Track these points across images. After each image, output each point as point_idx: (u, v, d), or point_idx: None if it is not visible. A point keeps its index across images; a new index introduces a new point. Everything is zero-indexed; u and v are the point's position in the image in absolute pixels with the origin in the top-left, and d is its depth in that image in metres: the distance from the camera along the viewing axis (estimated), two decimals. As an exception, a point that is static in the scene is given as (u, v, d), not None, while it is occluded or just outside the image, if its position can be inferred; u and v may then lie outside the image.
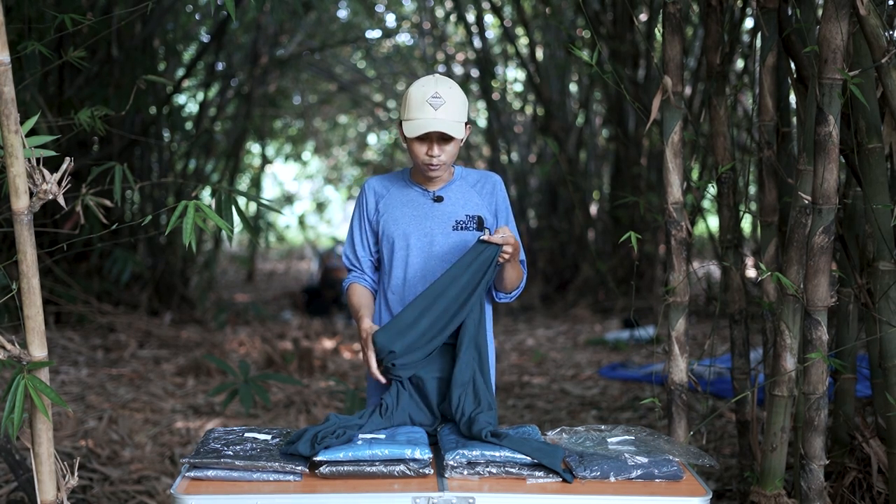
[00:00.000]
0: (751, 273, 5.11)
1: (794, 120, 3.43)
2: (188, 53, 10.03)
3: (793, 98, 3.32)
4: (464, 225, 2.75)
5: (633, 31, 8.60)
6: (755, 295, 3.84)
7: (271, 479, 2.27)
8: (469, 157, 12.12)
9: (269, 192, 16.81)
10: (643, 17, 8.26)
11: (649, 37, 8.05)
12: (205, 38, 9.73)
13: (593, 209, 10.56)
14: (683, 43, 3.13)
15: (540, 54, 10.26)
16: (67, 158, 2.26)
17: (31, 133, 2.30)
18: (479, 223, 2.75)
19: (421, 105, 2.65)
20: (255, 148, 13.69)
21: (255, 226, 11.66)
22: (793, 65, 3.21)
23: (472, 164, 12.09)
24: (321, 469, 2.28)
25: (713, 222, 6.55)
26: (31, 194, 2.21)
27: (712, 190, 3.58)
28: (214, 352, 7.22)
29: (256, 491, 2.23)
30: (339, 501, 2.22)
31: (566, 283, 10.47)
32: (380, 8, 12.71)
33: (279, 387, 6.00)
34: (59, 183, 2.23)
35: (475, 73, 11.23)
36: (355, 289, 2.84)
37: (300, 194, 18.11)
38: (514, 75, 12.38)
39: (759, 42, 3.38)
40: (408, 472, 2.29)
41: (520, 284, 2.80)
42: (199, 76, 10.03)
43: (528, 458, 2.31)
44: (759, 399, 3.66)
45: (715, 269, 8.09)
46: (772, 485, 2.96)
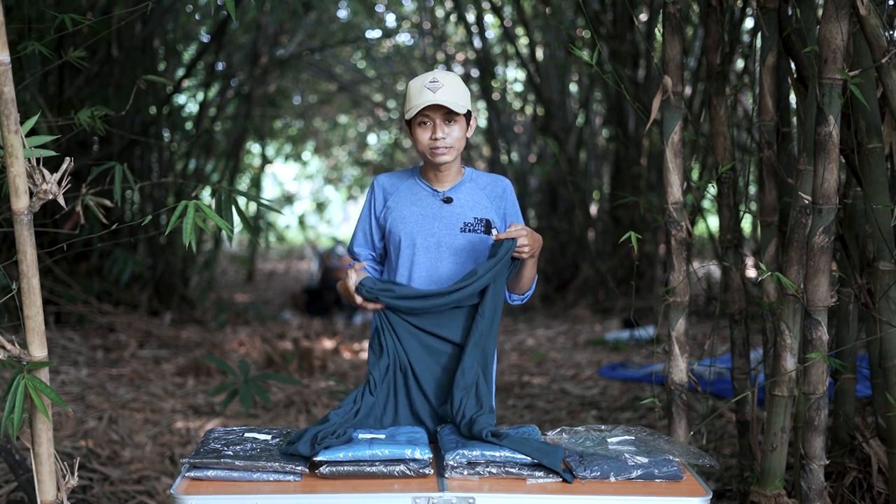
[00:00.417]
0: (751, 273, 5.11)
1: (794, 120, 3.43)
2: (188, 53, 10.02)
3: (793, 98, 3.32)
4: (471, 227, 2.75)
5: (633, 31, 8.60)
6: (755, 295, 3.84)
7: (271, 479, 2.27)
8: (469, 157, 12.12)
9: (269, 192, 16.80)
10: (643, 17, 8.26)
11: (649, 37, 8.05)
12: (205, 38, 9.73)
13: (593, 209, 10.56)
14: (683, 43, 3.13)
15: (540, 54, 10.26)
16: (67, 158, 2.26)
17: (31, 133, 2.30)
18: (487, 226, 2.75)
19: (420, 91, 2.66)
20: (255, 148, 13.69)
21: (255, 226, 11.65)
22: (793, 65, 3.21)
23: (472, 164, 12.09)
24: (321, 469, 2.28)
25: (713, 222, 6.55)
26: (31, 194, 2.21)
27: (712, 190, 3.58)
28: (214, 352, 7.22)
29: (256, 491, 2.23)
30: (339, 501, 2.22)
31: (566, 283, 10.46)
32: (380, 8, 12.71)
33: (279, 387, 6.00)
34: (59, 183, 2.23)
35: (475, 73, 11.23)
36: None
37: (300, 194, 18.11)
38: (514, 75, 12.38)
39: (759, 42, 3.38)
40: (408, 472, 2.29)
41: (531, 285, 2.80)
42: (199, 76, 10.03)
43: (529, 458, 2.31)
44: (760, 399, 3.66)
45: (715, 269, 8.09)
46: (772, 485, 2.96)
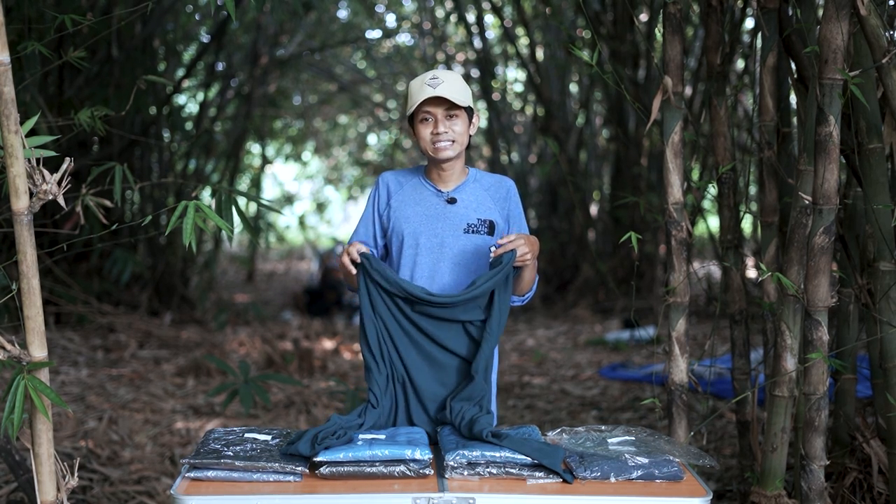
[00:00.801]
0: (751, 273, 5.12)
1: (795, 120, 3.43)
2: (188, 53, 10.03)
3: (793, 98, 3.32)
4: (475, 228, 2.74)
5: (634, 31, 8.60)
6: (755, 295, 3.84)
7: (271, 479, 2.27)
8: (469, 157, 12.06)
9: (269, 192, 16.80)
10: (643, 17, 8.26)
11: (649, 37, 8.05)
12: (205, 38, 9.73)
13: (593, 209, 10.56)
14: (683, 43, 3.13)
15: (540, 54, 10.26)
16: (67, 158, 2.26)
17: (31, 133, 2.30)
18: (491, 227, 2.75)
19: (420, 88, 2.66)
20: (255, 148, 13.70)
21: (255, 226, 11.66)
22: (793, 65, 3.21)
23: (473, 164, 12.09)
24: (321, 469, 2.28)
25: (713, 222, 6.55)
26: (31, 194, 2.21)
27: (712, 190, 3.58)
28: (214, 352, 7.22)
29: (256, 491, 2.23)
30: (339, 502, 2.22)
31: (566, 283, 10.47)
32: (380, 8, 12.71)
33: (279, 387, 6.00)
34: (59, 183, 2.23)
35: (475, 73, 11.23)
36: None
37: (300, 194, 18.11)
38: (514, 75, 12.38)
39: (759, 42, 3.38)
40: (408, 472, 2.28)
41: (532, 287, 2.79)
42: (199, 76, 10.03)
43: (529, 459, 2.31)
44: (760, 399, 3.66)
45: (715, 270, 8.09)
46: (772, 485, 2.96)
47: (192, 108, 10.60)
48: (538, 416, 5.51)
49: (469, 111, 2.73)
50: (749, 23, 5.20)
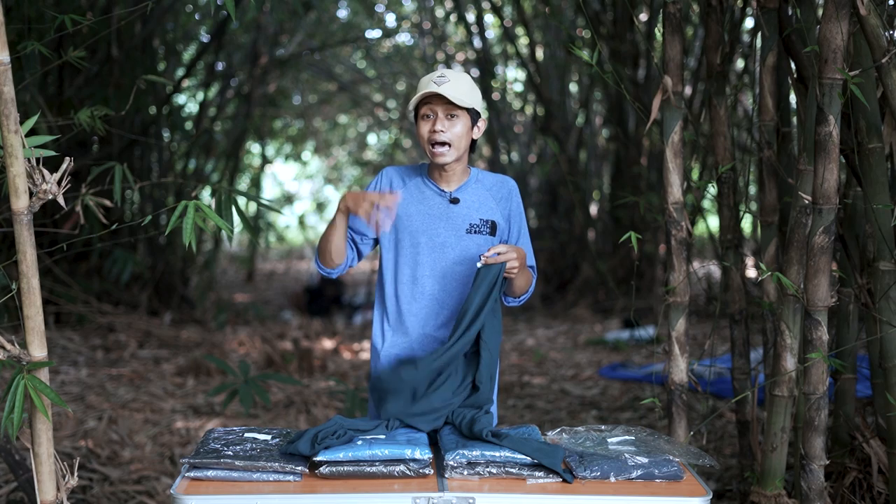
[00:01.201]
0: (751, 273, 5.11)
1: (795, 120, 3.43)
2: (188, 53, 10.03)
3: (793, 98, 3.32)
4: (477, 228, 2.74)
5: (633, 31, 8.60)
6: (755, 295, 3.84)
7: (271, 479, 2.27)
8: (470, 157, 12.10)
9: (269, 192, 16.81)
10: (643, 17, 8.26)
11: (649, 37, 8.04)
12: (205, 38, 9.73)
13: (593, 209, 10.56)
14: (683, 43, 3.13)
15: (540, 54, 10.26)
16: (67, 158, 2.26)
17: (31, 133, 2.30)
18: (493, 228, 2.75)
19: (426, 84, 2.66)
20: (255, 148, 13.70)
21: (255, 226, 11.66)
22: (793, 65, 3.21)
23: (473, 164, 12.08)
24: (321, 469, 2.28)
25: (713, 222, 6.54)
26: (31, 194, 2.21)
27: (712, 190, 3.58)
28: (214, 352, 7.22)
29: (256, 491, 2.23)
30: (339, 501, 2.22)
31: (566, 283, 10.47)
32: (380, 8, 12.71)
33: (279, 387, 6.00)
34: (59, 183, 2.23)
35: (475, 73, 11.23)
36: None
37: (300, 194, 18.11)
38: (514, 75, 12.37)
39: (759, 42, 3.38)
40: (408, 472, 2.28)
41: (529, 289, 2.78)
42: (199, 76, 10.03)
43: (529, 459, 2.31)
44: (760, 399, 3.66)
45: (715, 269, 8.09)
46: (772, 485, 2.96)
47: (192, 107, 10.60)
48: (538, 416, 5.51)
49: (474, 114, 2.71)
50: (749, 22, 5.20)
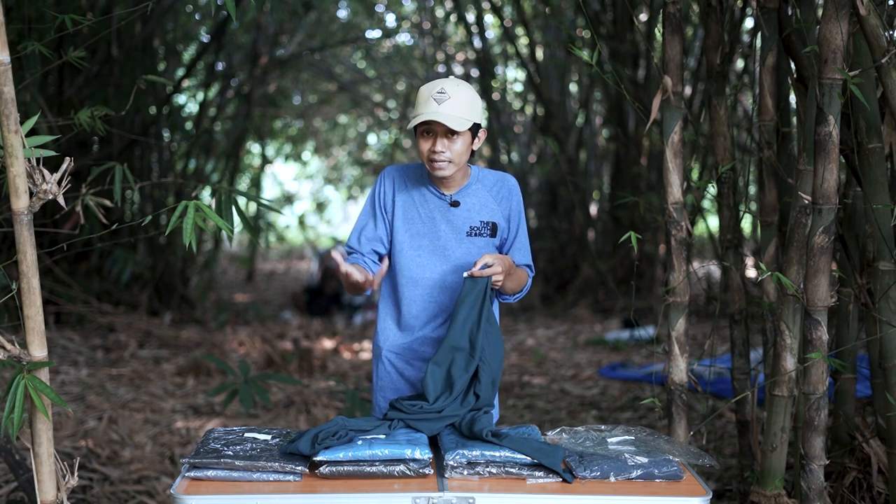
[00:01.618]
0: (751, 273, 5.11)
1: (794, 120, 3.44)
2: (188, 53, 10.02)
3: (793, 98, 3.32)
4: (478, 231, 2.74)
5: (633, 31, 8.60)
6: (755, 295, 3.84)
7: (271, 479, 2.27)
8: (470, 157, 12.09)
9: (269, 192, 16.79)
10: (643, 17, 8.26)
11: (649, 37, 8.04)
12: (205, 38, 9.72)
13: (593, 209, 10.56)
14: (683, 43, 3.13)
15: (540, 54, 10.26)
16: (67, 158, 2.26)
17: (31, 133, 2.30)
18: (493, 229, 2.75)
19: (426, 101, 2.63)
20: (255, 148, 13.68)
21: (255, 226, 11.65)
22: (793, 65, 3.21)
23: (473, 164, 12.07)
24: (321, 469, 2.28)
25: (713, 222, 6.54)
26: (31, 194, 2.21)
27: (712, 190, 3.58)
28: (214, 352, 7.22)
29: (256, 491, 2.23)
30: (339, 501, 2.22)
31: (566, 283, 10.46)
32: (380, 8, 12.70)
33: (279, 387, 6.00)
34: (59, 183, 2.23)
35: (475, 73, 11.23)
36: None
37: (300, 194, 18.10)
38: (514, 75, 12.37)
39: (759, 42, 3.38)
40: (408, 472, 2.29)
41: (524, 287, 2.79)
42: (199, 76, 10.03)
43: (528, 458, 2.31)
44: (759, 399, 3.66)
45: (715, 269, 8.09)
46: (772, 485, 2.96)
47: (192, 107, 10.59)
48: (538, 416, 5.51)
49: (474, 128, 2.68)
50: (749, 22, 5.20)
